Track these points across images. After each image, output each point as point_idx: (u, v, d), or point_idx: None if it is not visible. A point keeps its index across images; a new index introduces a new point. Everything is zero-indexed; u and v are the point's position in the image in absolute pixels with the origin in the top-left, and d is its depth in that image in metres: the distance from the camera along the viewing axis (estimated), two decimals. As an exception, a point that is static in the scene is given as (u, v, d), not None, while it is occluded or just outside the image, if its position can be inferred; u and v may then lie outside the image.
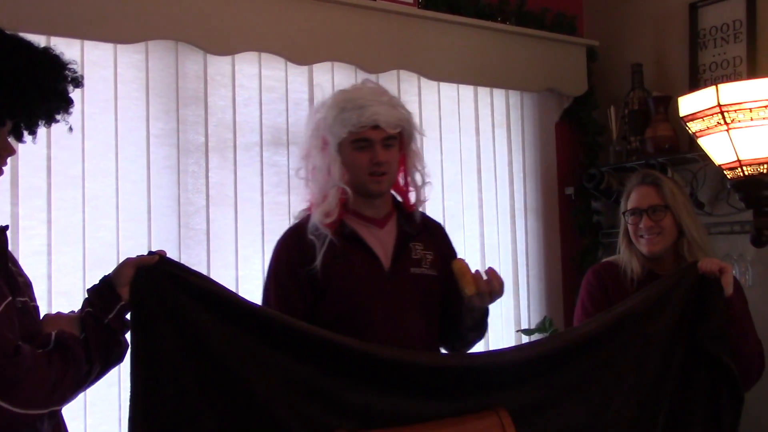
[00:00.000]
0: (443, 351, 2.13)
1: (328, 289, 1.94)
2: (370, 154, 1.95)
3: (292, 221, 2.12)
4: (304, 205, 2.09)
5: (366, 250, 1.99)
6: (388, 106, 1.96)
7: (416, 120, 2.09)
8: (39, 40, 1.50)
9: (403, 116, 2.00)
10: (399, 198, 2.13)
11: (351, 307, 1.93)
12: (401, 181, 2.11)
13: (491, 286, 1.88)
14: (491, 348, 3.26)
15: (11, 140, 1.48)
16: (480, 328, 2.08)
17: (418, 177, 2.08)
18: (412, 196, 2.10)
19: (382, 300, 1.95)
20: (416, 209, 2.10)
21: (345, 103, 1.95)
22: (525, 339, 3.36)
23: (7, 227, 1.49)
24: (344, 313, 1.92)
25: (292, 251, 1.99)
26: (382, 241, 2.02)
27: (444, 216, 3.25)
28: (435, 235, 2.15)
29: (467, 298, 1.88)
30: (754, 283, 3.02)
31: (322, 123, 1.99)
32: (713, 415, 1.94)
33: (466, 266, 1.89)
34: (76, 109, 1.54)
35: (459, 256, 2.03)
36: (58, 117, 1.48)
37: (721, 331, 1.94)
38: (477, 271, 1.89)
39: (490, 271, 1.90)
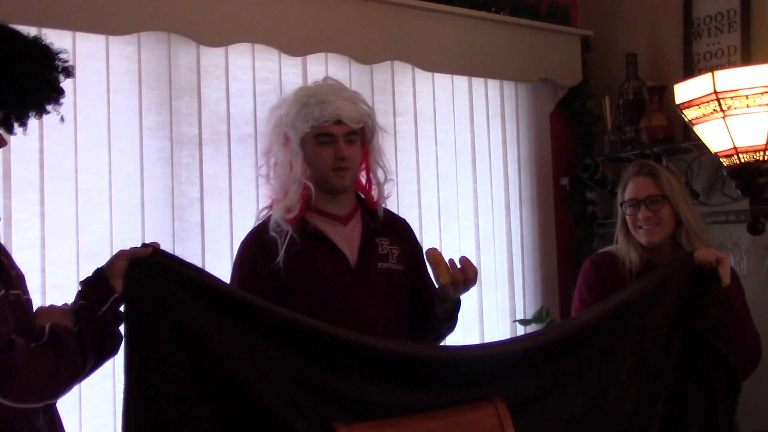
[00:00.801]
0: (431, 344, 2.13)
1: (293, 287, 1.94)
2: (333, 149, 1.95)
3: (255, 222, 2.10)
4: (265, 203, 2.08)
5: (331, 246, 1.98)
6: (350, 101, 1.97)
7: (378, 118, 2.09)
8: (30, 31, 1.49)
9: (365, 112, 2.00)
10: (362, 195, 2.12)
11: (319, 303, 1.92)
12: (363, 178, 2.11)
13: (466, 273, 1.90)
14: (487, 339, 3.28)
15: (2, 132, 1.47)
16: (452, 320, 2.08)
17: (380, 173, 2.08)
18: (375, 193, 2.10)
19: (350, 295, 1.95)
20: (379, 206, 2.09)
21: (307, 99, 1.95)
22: (521, 329, 3.37)
23: None
24: (313, 310, 1.88)
25: (254, 251, 1.98)
26: (346, 238, 2.01)
27: (439, 207, 3.25)
28: (400, 230, 2.15)
29: (442, 286, 1.90)
30: (748, 272, 3.02)
31: (284, 119, 1.99)
32: (710, 405, 1.95)
33: (440, 255, 1.92)
34: (68, 102, 1.53)
35: (432, 247, 2.02)
36: (49, 108, 1.47)
37: (720, 320, 1.95)
38: (451, 260, 1.91)
39: (464, 260, 1.92)
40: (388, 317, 1.99)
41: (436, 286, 1.98)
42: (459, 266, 1.90)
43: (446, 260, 1.91)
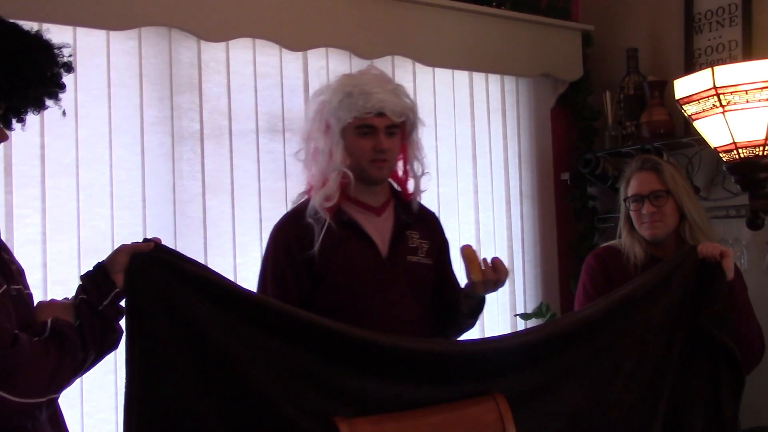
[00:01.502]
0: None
1: (325, 275, 1.95)
2: (373, 141, 1.96)
3: (290, 206, 2.12)
4: (302, 189, 2.09)
5: (364, 237, 2.00)
6: (393, 94, 1.98)
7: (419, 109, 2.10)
8: (31, 26, 1.49)
9: (407, 105, 2.01)
10: (397, 187, 2.14)
11: (349, 294, 1.95)
12: (400, 170, 2.12)
13: (497, 274, 1.92)
14: (487, 333, 3.28)
15: (1, 127, 1.47)
16: (474, 316, 2.11)
17: (417, 166, 2.09)
18: (410, 186, 2.11)
19: (379, 287, 1.97)
20: (414, 198, 2.11)
21: (351, 88, 1.95)
22: (522, 323, 3.37)
23: None
24: (342, 300, 1.94)
25: (290, 235, 1.99)
26: (379, 229, 2.03)
27: (439, 202, 3.25)
28: (431, 224, 2.17)
29: (472, 284, 1.92)
30: (749, 267, 3.02)
31: (326, 106, 1.99)
32: (714, 399, 1.94)
33: (474, 253, 1.94)
34: (69, 97, 1.54)
35: (467, 243, 2.04)
36: (49, 103, 1.47)
37: (724, 314, 1.95)
38: (484, 258, 1.93)
39: (497, 261, 1.94)
40: (414, 310, 2.01)
41: (466, 282, 1.99)
42: (491, 266, 1.92)
43: (479, 258, 1.93)
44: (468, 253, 1.93)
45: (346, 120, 1.95)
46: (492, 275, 1.92)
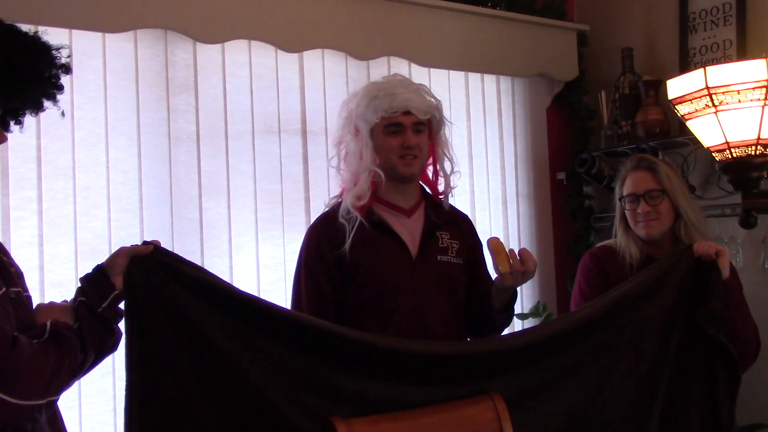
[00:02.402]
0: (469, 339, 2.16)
1: (355, 274, 1.99)
2: (401, 138, 2.02)
3: (321, 209, 2.18)
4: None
5: (394, 237, 2.04)
6: (417, 93, 2.04)
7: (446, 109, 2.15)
8: (28, 28, 1.49)
9: (432, 104, 2.07)
10: (427, 189, 2.18)
11: (378, 292, 1.98)
12: (429, 172, 2.17)
13: (525, 265, 1.94)
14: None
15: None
16: (508, 311, 2.12)
17: (447, 164, 2.14)
18: (441, 186, 2.16)
19: (408, 287, 2.00)
20: (445, 199, 2.15)
21: (377, 92, 2.02)
22: (519, 323, 3.38)
23: None
24: (371, 298, 1.98)
25: (321, 236, 2.04)
26: (409, 230, 2.07)
27: (436, 202, 3.26)
28: (461, 225, 2.20)
29: (500, 275, 1.94)
30: (744, 266, 3.03)
31: (355, 111, 2.05)
32: (711, 397, 1.96)
33: (501, 245, 1.96)
34: (65, 99, 1.54)
35: (494, 236, 2.06)
36: (47, 104, 1.48)
37: (720, 313, 1.96)
38: (511, 250, 1.96)
39: (524, 252, 1.97)
40: (444, 310, 2.04)
41: (495, 275, 2.00)
42: (519, 258, 1.95)
43: (507, 250, 1.95)
44: (495, 244, 1.95)
45: (373, 121, 2.01)
46: (519, 266, 1.94)
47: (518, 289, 3.41)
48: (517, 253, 1.96)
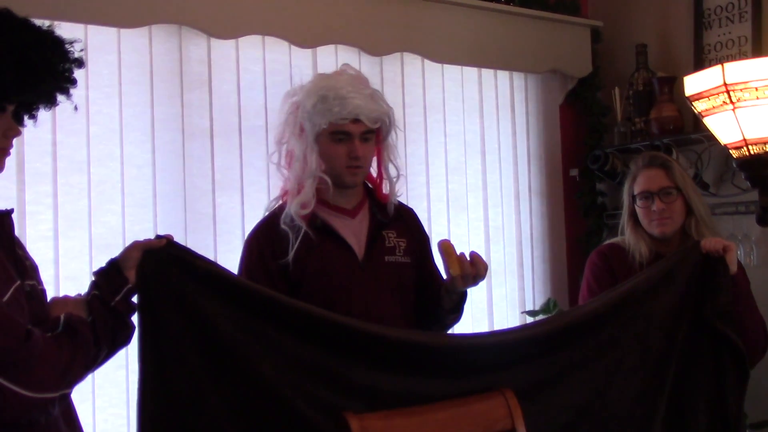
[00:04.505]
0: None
1: (302, 282, 1.93)
2: (348, 147, 1.94)
3: (264, 213, 2.08)
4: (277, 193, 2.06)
5: (339, 241, 1.98)
6: (369, 99, 1.94)
7: (395, 114, 2.07)
8: (42, 23, 1.50)
9: (383, 110, 1.98)
10: (371, 186, 2.11)
11: (327, 299, 1.90)
12: (374, 171, 2.09)
13: (476, 269, 1.89)
14: (495, 329, 3.28)
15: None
16: (457, 311, 2.08)
17: (392, 169, 2.06)
18: (385, 188, 2.08)
19: (358, 290, 1.95)
20: (390, 201, 2.07)
21: (326, 91, 1.92)
22: (530, 320, 3.37)
23: (12, 210, 1.50)
24: (321, 305, 1.85)
25: (263, 244, 1.97)
26: (354, 231, 2.01)
27: (448, 198, 3.26)
28: (408, 221, 2.14)
29: (451, 278, 1.90)
30: (759, 263, 3.02)
31: (300, 108, 1.96)
32: (718, 392, 1.95)
33: (452, 247, 1.91)
34: (80, 94, 1.55)
35: (445, 238, 2.03)
36: (60, 98, 1.48)
37: (728, 308, 1.96)
38: (462, 253, 1.91)
39: (474, 255, 1.91)
40: (395, 311, 1.99)
41: (445, 277, 1.97)
42: (470, 260, 1.90)
43: (457, 253, 1.91)
44: (446, 247, 1.90)
45: (321, 125, 1.92)
46: (471, 269, 1.88)
47: (526, 287, 3.48)
48: (468, 257, 1.90)
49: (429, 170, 3.22)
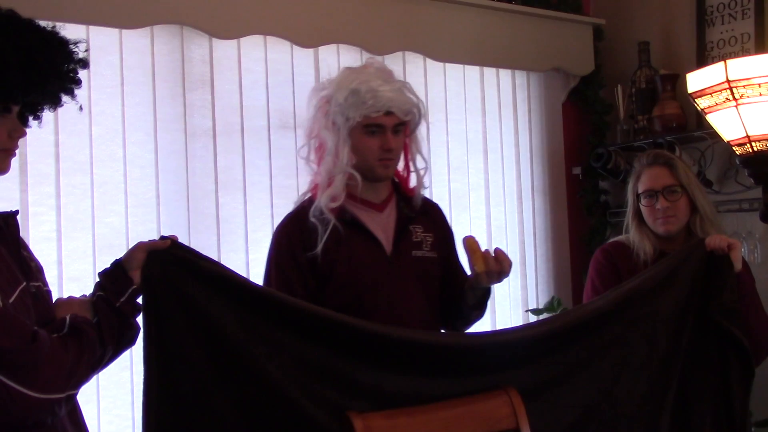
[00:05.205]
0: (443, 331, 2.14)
1: (330, 275, 1.94)
2: (381, 140, 1.95)
3: (293, 205, 2.10)
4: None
5: (367, 235, 1.99)
6: (400, 92, 1.96)
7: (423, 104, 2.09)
8: (46, 24, 1.50)
9: (414, 103, 2.00)
10: (398, 181, 2.12)
11: (356, 293, 1.93)
12: (401, 165, 2.10)
13: (500, 265, 1.90)
14: (499, 328, 3.28)
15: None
16: (481, 307, 2.09)
17: (420, 161, 2.08)
18: (413, 180, 2.10)
19: (386, 284, 1.96)
20: (417, 194, 2.09)
21: (358, 85, 1.92)
22: (533, 319, 3.37)
23: (17, 212, 1.50)
24: (349, 299, 1.93)
25: (293, 237, 1.98)
26: (382, 225, 2.02)
27: (450, 197, 3.25)
28: (434, 216, 2.15)
29: (476, 275, 1.91)
30: (763, 260, 3.01)
31: (331, 102, 1.97)
32: (724, 390, 1.95)
33: (476, 244, 1.92)
34: (83, 95, 1.55)
35: (470, 234, 2.03)
36: (65, 99, 1.48)
37: (733, 305, 1.95)
38: (486, 250, 1.92)
39: (499, 252, 1.92)
40: (422, 305, 2.00)
41: (469, 273, 1.98)
42: (494, 257, 1.91)
43: (482, 249, 1.91)
44: (470, 243, 1.91)
45: (354, 119, 1.93)
46: (495, 266, 1.89)
47: (530, 286, 3.47)
48: (492, 253, 1.91)
49: (431, 169, 3.21)
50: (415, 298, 1.99)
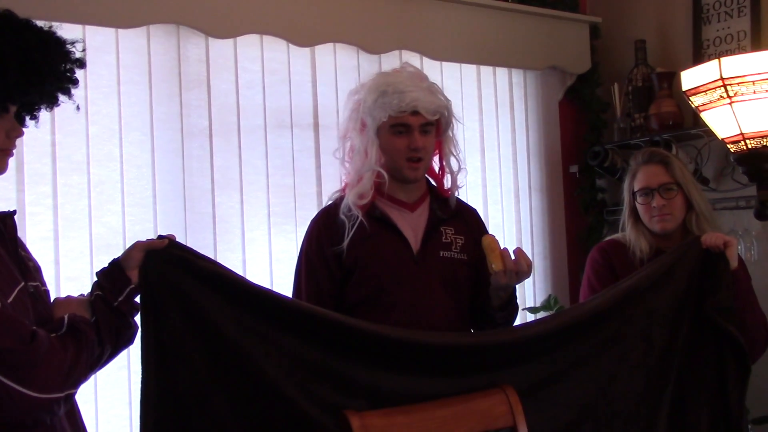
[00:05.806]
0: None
1: (354, 269, 1.98)
2: (408, 140, 1.98)
3: (326, 202, 2.16)
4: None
5: (395, 232, 2.02)
6: (428, 92, 1.99)
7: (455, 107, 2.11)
8: (42, 24, 1.50)
9: (442, 103, 2.03)
10: (433, 182, 2.15)
11: (377, 288, 1.96)
12: (436, 166, 2.14)
13: (519, 265, 1.91)
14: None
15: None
16: (507, 309, 2.07)
17: (453, 163, 2.11)
18: (447, 182, 2.13)
19: (408, 281, 1.98)
20: (452, 194, 2.12)
21: (386, 87, 1.97)
22: (530, 317, 3.38)
23: (14, 212, 1.50)
24: (370, 294, 1.96)
25: (321, 231, 2.04)
26: (412, 225, 2.04)
27: (448, 196, 3.25)
28: (468, 220, 2.17)
29: (493, 273, 1.91)
30: (759, 258, 3.02)
31: (362, 104, 2.02)
32: (720, 387, 1.96)
33: (495, 242, 1.94)
34: (79, 95, 1.55)
35: (490, 233, 2.04)
36: (62, 99, 1.49)
37: (729, 303, 1.96)
38: (506, 248, 1.92)
39: (518, 251, 1.93)
40: (447, 306, 2.01)
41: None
42: (513, 257, 1.91)
43: (501, 248, 1.92)
44: (488, 242, 1.93)
45: (381, 119, 1.98)
46: (513, 265, 1.90)
47: (527, 284, 3.47)
48: (511, 252, 1.92)
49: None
50: (439, 298, 2.00)
